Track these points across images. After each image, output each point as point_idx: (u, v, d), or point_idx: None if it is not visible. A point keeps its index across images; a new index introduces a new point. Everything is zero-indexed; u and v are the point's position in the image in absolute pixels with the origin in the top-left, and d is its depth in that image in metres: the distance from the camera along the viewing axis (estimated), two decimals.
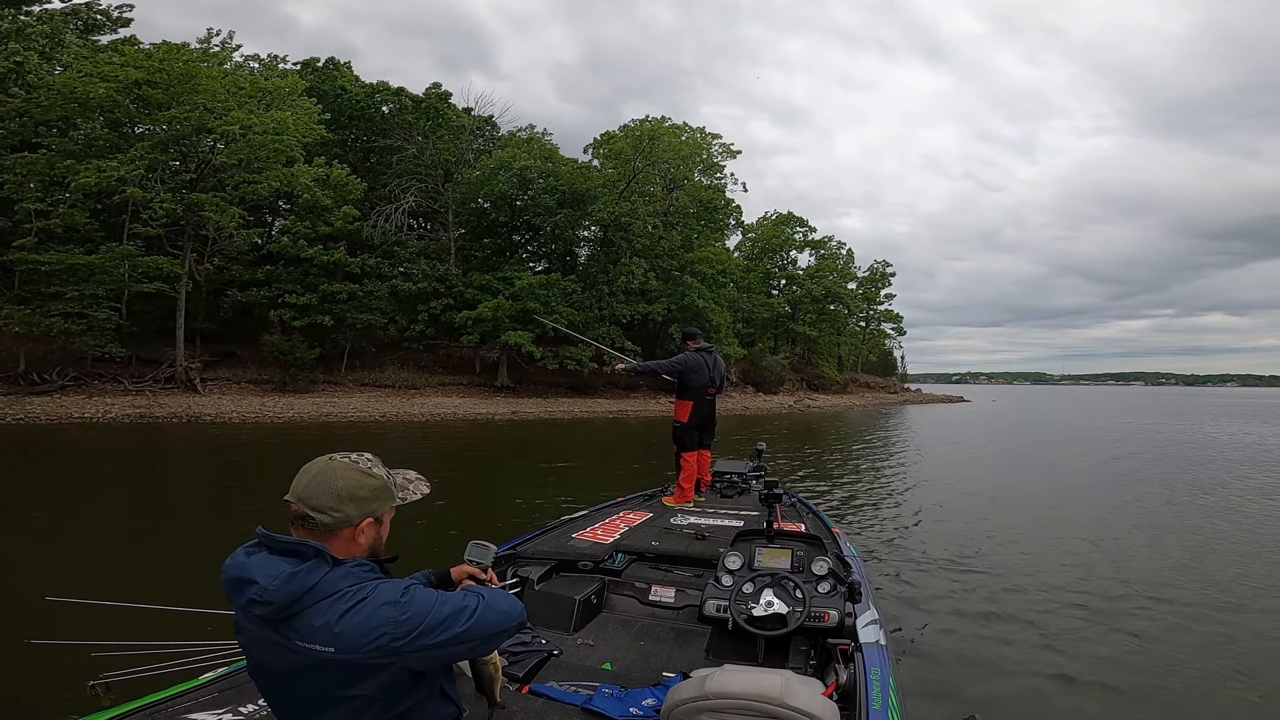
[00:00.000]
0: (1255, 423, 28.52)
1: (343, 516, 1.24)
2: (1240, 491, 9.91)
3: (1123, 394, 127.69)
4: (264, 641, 1.21)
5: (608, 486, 7.85)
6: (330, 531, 1.25)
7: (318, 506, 1.23)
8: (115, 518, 7.00)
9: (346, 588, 1.19)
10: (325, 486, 1.25)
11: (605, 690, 2.18)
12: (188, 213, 20.82)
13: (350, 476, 1.28)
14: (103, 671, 1.80)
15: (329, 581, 1.18)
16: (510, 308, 26.38)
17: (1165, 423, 28.16)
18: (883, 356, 62.54)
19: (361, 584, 1.21)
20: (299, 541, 1.21)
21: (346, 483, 1.26)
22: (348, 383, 25.37)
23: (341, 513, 1.24)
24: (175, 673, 1.93)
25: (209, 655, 1.99)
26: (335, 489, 1.25)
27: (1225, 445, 17.98)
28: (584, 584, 3.13)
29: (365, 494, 1.28)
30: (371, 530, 1.30)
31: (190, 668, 1.94)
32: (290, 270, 24.56)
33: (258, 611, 1.17)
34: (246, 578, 1.18)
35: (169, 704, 1.70)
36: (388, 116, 29.49)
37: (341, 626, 1.16)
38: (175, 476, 10.77)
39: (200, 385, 21.34)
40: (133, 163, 19.18)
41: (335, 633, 1.15)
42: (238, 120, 20.06)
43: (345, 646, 1.15)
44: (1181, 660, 3.84)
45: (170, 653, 1.98)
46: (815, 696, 1.62)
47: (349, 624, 1.16)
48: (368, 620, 1.17)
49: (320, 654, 1.16)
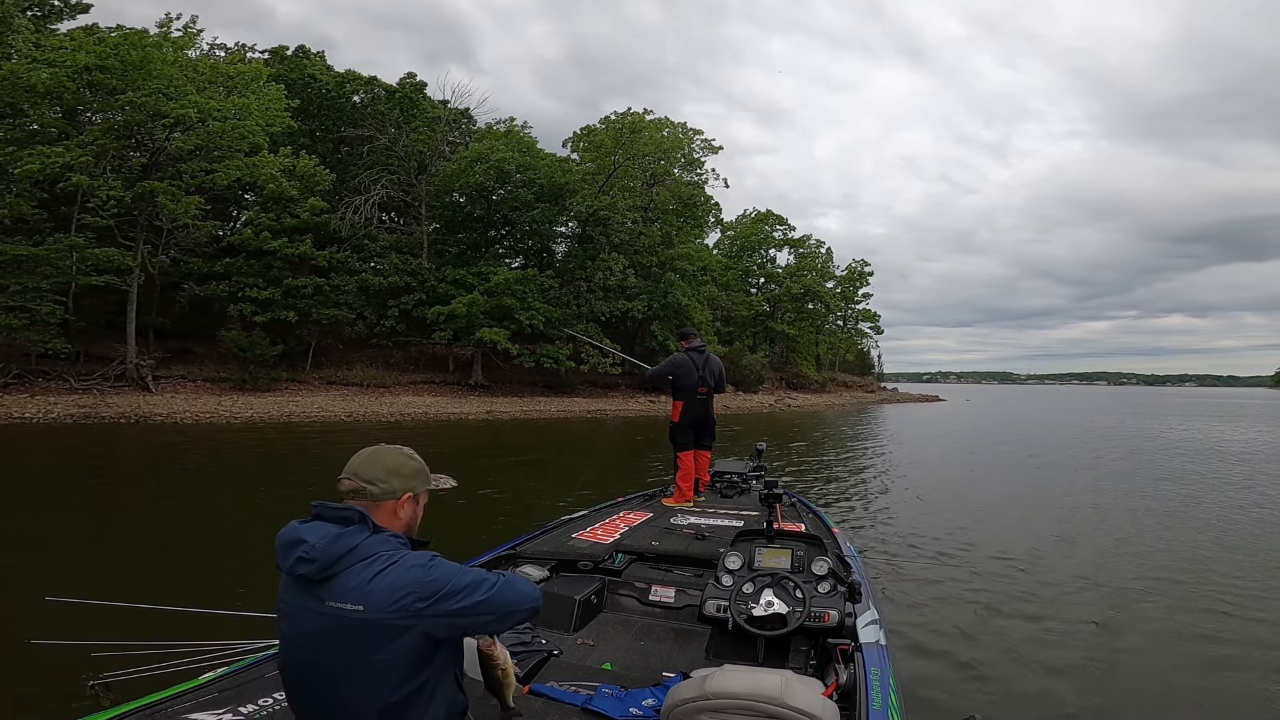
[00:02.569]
0: (1242, 424, 29.24)
1: (388, 488, 1.44)
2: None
3: (1088, 393, 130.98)
4: (300, 610, 1.35)
5: (592, 489, 7.82)
6: (375, 502, 1.44)
7: (368, 478, 1.44)
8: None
9: (381, 551, 1.35)
10: (375, 462, 1.47)
11: (605, 690, 2.21)
12: (138, 201, 20.11)
13: (395, 456, 1.50)
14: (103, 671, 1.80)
15: (367, 545, 1.35)
16: (485, 303, 26.12)
17: (1148, 424, 28.69)
18: (859, 356, 63.73)
19: (394, 550, 1.37)
20: (347, 507, 1.40)
21: (393, 460, 1.48)
22: (313, 381, 24.83)
23: (388, 484, 1.44)
24: (175, 673, 1.94)
25: (209, 655, 1.99)
26: (384, 464, 1.47)
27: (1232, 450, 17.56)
28: (584, 584, 3.16)
29: (407, 471, 1.49)
30: (410, 506, 1.50)
31: (190, 668, 1.95)
32: (252, 263, 23.89)
33: (302, 570, 1.32)
34: (298, 539, 1.34)
35: (169, 704, 1.71)
36: (359, 106, 28.97)
37: (372, 585, 1.30)
38: (70, 484, 9.61)
39: (152, 383, 20.64)
40: (80, 149, 18.48)
41: (365, 591, 1.30)
42: (195, 105, 19.46)
43: (374, 605, 1.29)
44: (1185, 661, 3.87)
45: (170, 653, 1.98)
46: (815, 696, 1.64)
47: (379, 584, 1.30)
48: (396, 580, 1.31)
49: (349, 613, 1.29)
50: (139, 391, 20.13)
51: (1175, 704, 3.42)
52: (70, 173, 18.25)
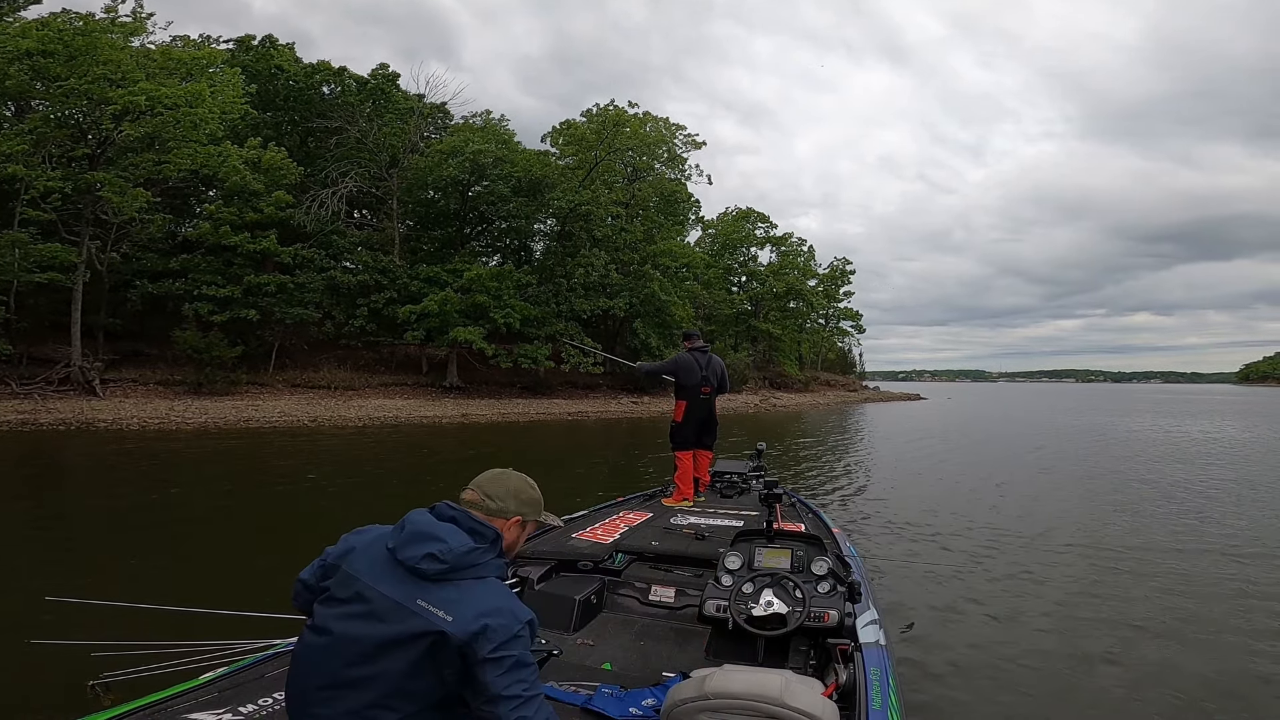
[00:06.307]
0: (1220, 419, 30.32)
1: (504, 507, 1.58)
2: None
3: (1058, 390, 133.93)
4: (380, 591, 1.38)
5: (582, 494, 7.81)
6: (489, 516, 1.55)
7: (489, 493, 1.58)
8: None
9: (494, 579, 1.47)
10: (501, 482, 1.61)
11: (605, 690, 2.26)
12: (80, 193, 19.47)
13: (519, 482, 1.64)
14: (103, 671, 1.82)
15: (486, 566, 1.46)
16: (459, 301, 25.89)
17: (1134, 420, 29.49)
18: (840, 355, 64.62)
19: (511, 593, 1.49)
20: (484, 524, 1.51)
21: (516, 484, 1.62)
22: (276, 384, 24.32)
23: (505, 504, 1.58)
24: (175, 673, 1.95)
25: (209, 655, 2.01)
26: (507, 485, 1.61)
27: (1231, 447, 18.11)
28: (584, 584, 3.22)
29: (525, 498, 1.62)
30: (516, 530, 1.61)
31: (190, 668, 1.97)
32: (211, 260, 23.31)
33: (425, 565, 1.39)
34: (435, 535, 1.43)
35: (169, 704, 1.72)
36: (328, 98, 28.55)
37: (466, 602, 1.38)
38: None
39: (99, 387, 20.00)
40: (18, 138, 17.86)
41: (459, 605, 1.37)
42: (144, 92, 18.94)
43: (459, 617, 1.36)
44: (1189, 664, 3.94)
45: (170, 653, 2.00)
46: (815, 696, 1.69)
47: (472, 603, 1.38)
48: (487, 609, 1.38)
49: (429, 616, 1.35)
50: (85, 396, 19.49)
51: (1181, 705, 3.47)
52: (5, 162, 17.62)
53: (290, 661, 1.45)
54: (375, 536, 1.51)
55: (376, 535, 1.51)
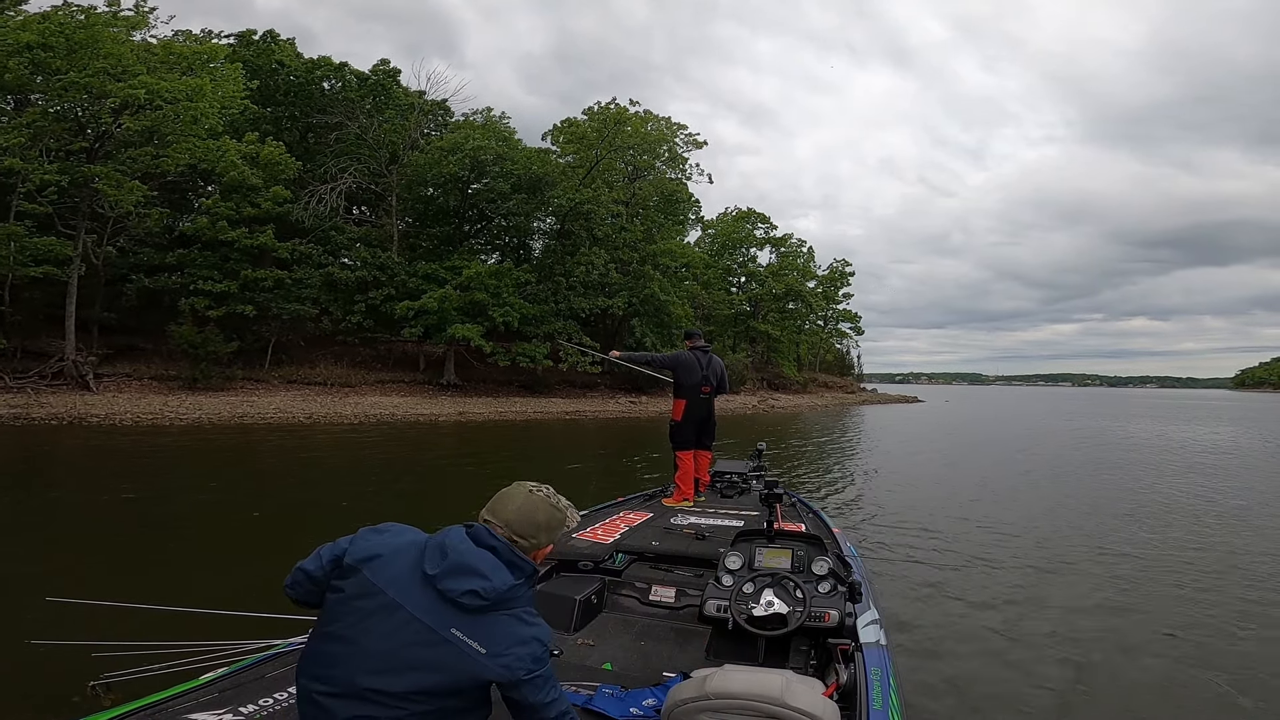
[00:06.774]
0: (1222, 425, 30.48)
1: (537, 543, 1.57)
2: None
3: (1054, 394, 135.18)
4: (412, 615, 1.38)
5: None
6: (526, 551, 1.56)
7: (522, 533, 1.54)
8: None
9: (524, 609, 1.47)
10: (530, 519, 1.56)
11: (605, 690, 2.27)
12: (76, 187, 19.42)
13: (548, 512, 1.59)
14: (103, 671, 1.82)
15: (522, 600, 1.47)
16: (458, 298, 25.86)
17: (1132, 426, 29.45)
18: (838, 356, 64.71)
19: (537, 616, 1.50)
20: (523, 559, 1.51)
21: (545, 517, 1.58)
22: (272, 380, 24.27)
23: (537, 540, 1.56)
24: (175, 673, 1.95)
25: (209, 655, 2.02)
26: (537, 521, 1.56)
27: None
28: (584, 584, 3.22)
29: (554, 526, 1.60)
30: (544, 551, 1.62)
31: (190, 668, 1.97)
32: (208, 255, 23.24)
33: (468, 601, 1.40)
34: (479, 571, 1.42)
35: (169, 704, 1.73)
36: (328, 93, 28.49)
37: (500, 635, 1.41)
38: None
39: (93, 382, 19.96)
40: (13, 131, 17.79)
41: (494, 638, 1.40)
42: (144, 85, 18.89)
43: (491, 648, 1.39)
44: (1191, 665, 3.96)
45: (170, 653, 2.00)
46: (815, 696, 1.70)
47: (506, 636, 1.41)
48: (520, 639, 1.42)
49: (463, 647, 1.37)
50: (78, 390, 19.45)
51: (1183, 707, 3.51)
52: (2, 155, 17.59)
53: (301, 660, 1.44)
54: (403, 545, 1.47)
55: (405, 544, 1.47)
